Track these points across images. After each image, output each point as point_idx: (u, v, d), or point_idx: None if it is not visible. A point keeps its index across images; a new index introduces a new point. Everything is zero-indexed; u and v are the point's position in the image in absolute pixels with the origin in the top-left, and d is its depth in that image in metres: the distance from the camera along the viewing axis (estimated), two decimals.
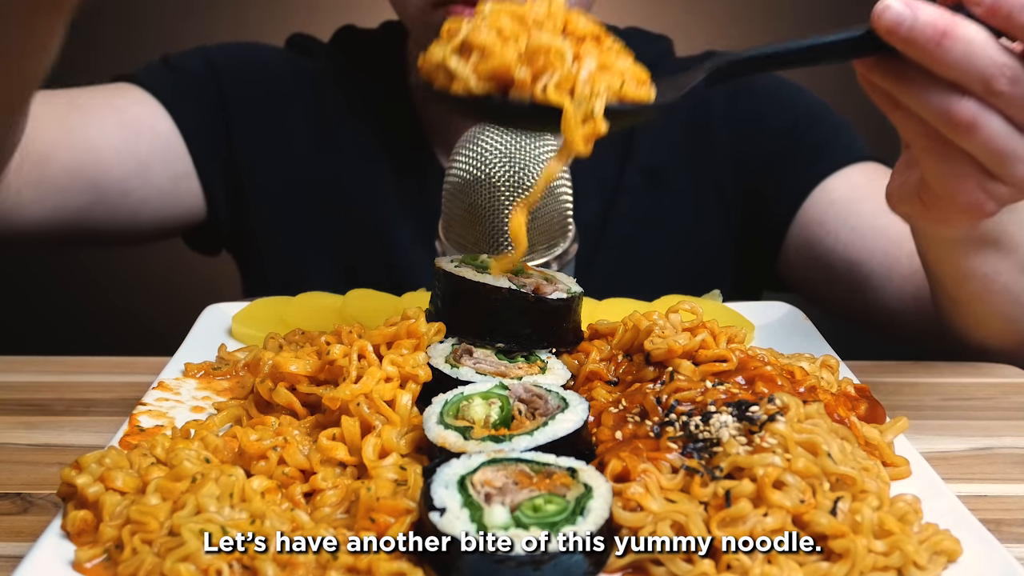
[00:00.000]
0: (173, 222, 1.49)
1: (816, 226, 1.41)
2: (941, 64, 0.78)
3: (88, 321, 2.93)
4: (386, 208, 1.49)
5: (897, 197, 0.95)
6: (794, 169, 1.45)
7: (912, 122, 0.84)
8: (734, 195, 1.50)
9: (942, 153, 0.84)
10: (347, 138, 1.51)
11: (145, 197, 1.43)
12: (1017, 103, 0.79)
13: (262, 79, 1.53)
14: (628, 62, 0.79)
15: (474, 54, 0.77)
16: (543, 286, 0.93)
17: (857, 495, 0.72)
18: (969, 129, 0.80)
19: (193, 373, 1.02)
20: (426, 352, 0.88)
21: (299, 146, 1.51)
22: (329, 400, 0.83)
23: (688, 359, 0.87)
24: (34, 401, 1.08)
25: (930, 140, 0.84)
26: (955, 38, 0.77)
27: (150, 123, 1.43)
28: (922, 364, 1.16)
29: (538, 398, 0.82)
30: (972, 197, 0.85)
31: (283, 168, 1.51)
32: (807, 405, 0.79)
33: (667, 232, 1.51)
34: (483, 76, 0.76)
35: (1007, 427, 1.00)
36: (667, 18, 2.57)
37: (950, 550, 0.70)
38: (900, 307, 1.33)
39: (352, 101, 1.52)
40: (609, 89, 0.76)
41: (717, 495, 0.71)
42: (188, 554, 0.67)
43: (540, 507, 0.68)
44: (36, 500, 0.87)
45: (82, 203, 1.37)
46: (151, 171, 1.42)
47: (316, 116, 1.52)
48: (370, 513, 0.70)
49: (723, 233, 1.52)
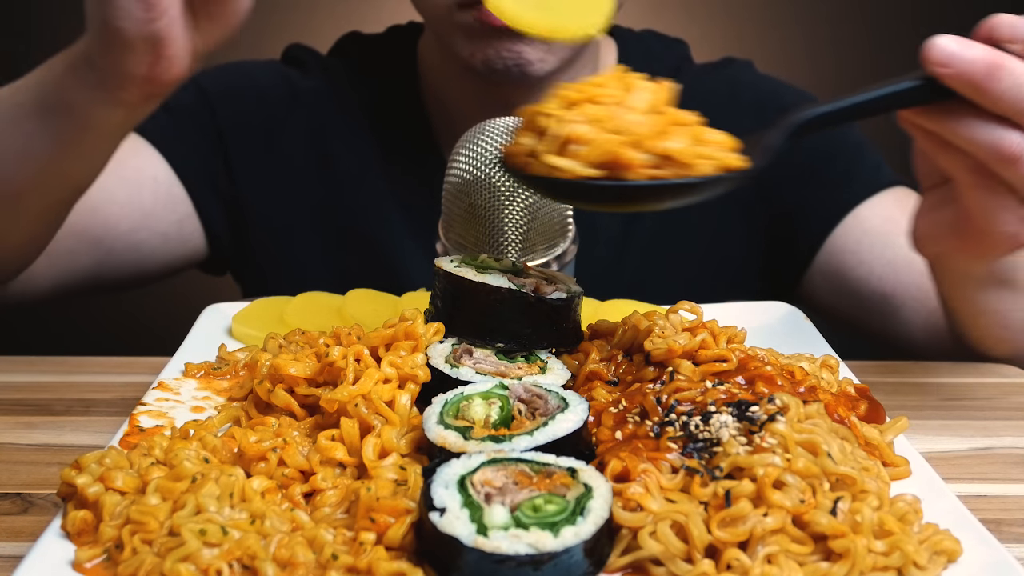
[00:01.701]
0: (180, 262, 1.50)
1: (848, 255, 1.41)
2: (992, 96, 0.83)
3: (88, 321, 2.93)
4: (392, 224, 1.48)
5: (927, 238, 1.00)
6: (824, 193, 1.44)
7: (958, 159, 0.89)
8: (760, 214, 1.49)
9: (987, 187, 0.89)
10: (347, 154, 1.50)
11: (153, 247, 1.44)
12: None
13: (256, 103, 1.52)
14: (718, 133, 0.82)
15: (576, 145, 0.78)
16: (543, 286, 0.93)
17: (857, 495, 0.73)
18: (1015, 161, 0.85)
19: (193, 373, 1.02)
20: (426, 352, 0.88)
21: (298, 167, 1.51)
22: (327, 402, 0.83)
23: (688, 359, 0.87)
24: (34, 401, 1.08)
25: (976, 175, 0.89)
26: (1005, 70, 0.82)
27: (151, 173, 1.43)
28: (922, 364, 1.16)
29: (538, 398, 0.82)
30: (1009, 227, 0.90)
31: (283, 191, 1.50)
32: (807, 405, 0.79)
33: (687, 247, 1.49)
34: (591, 163, 0.78)
35: (1007, 427, 1.00)
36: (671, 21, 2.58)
37: (950, 550, 0.70)
38: (926, 336, 1.35)
39: (352, 112, 1.51)
40: (709, 160, 0.79)
41: (717, 495, 0.71)
42: (188, 554, 0.67)
43: (540, 507, 0.68)
44: (36, 500, 0.87)
45: (91, 262, 1.38)
46: (156, 220, 1.43)
47: (313, 135, 1.51)
48: (370, 513, 0.70)
49: (746, 252, 1.51)
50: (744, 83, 1.53)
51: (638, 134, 0.78)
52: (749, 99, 1.50)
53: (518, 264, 0.98)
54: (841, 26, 2.83)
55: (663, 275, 1.48)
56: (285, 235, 1.51)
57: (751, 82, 1.54)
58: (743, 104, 1.48)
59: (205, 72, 1.54)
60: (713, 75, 1.54)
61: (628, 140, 0.78)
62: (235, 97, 1.52)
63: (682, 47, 1.60)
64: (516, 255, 1.03)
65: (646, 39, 1.60)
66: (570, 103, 0.81)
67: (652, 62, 1.53)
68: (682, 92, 1.59)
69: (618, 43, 1.56)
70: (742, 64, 1.58)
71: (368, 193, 1.50)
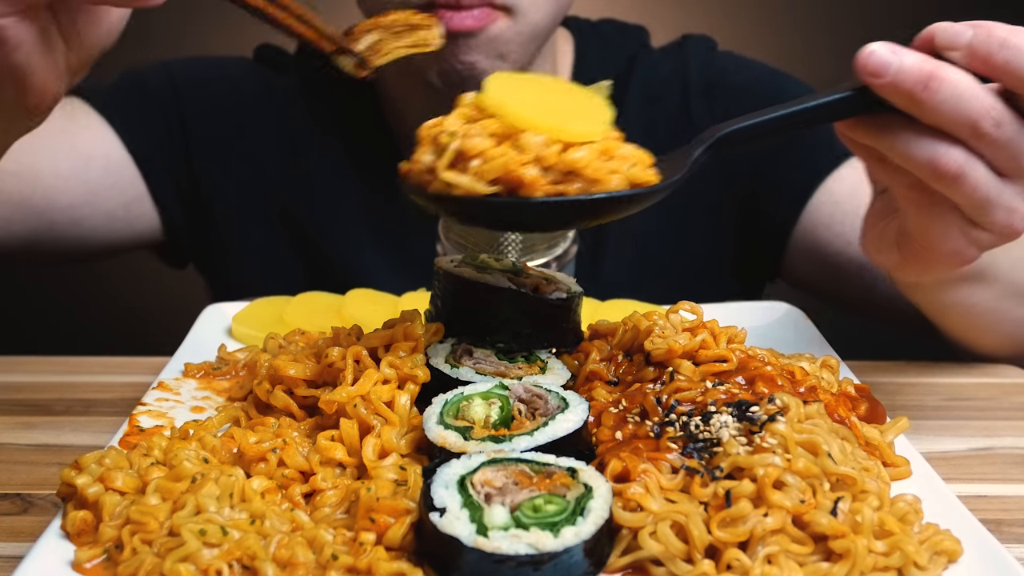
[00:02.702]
0: (127, 243, 1.49)
1: (822, 229, 1.40)
2: (929, 108, 0.77)
3: (88, 321, 2.93)
4: (356, 229, 1.48)
5: (875, 248, 0.94)
6: (791, 168, 1.44)
7: (897, 175, 0.84)
8: (722, 203, 1.48)
9: (926, 203, 0.83)
10: (315, 155, 1.49)
11: (95, 224, 1.43)
12: (1001, 147, 0.79)
13: (226, 96, 1.51)
14: (631, 148, 0.78)
15: (475, 160, 0.74)
16: (543, 286, 0.93)
17: (857, 495, 0.72)
18: (955, 179, 0.79)
19: (193, 373, 1.02)
20: (425, 352, 0.88)
21: (265, 165, 1.50)
22: (325, 403, 0.82)
23: (688, 359, 0.87)
24: (34, 401, 1.08)
25: (914, 191, 0.83)
26: (942, 80, 0.76)
27: (103, 151, 1.42)
28: (922, 364, 1.16)
29: (538, 398, 0.82)
30: (955, 245, 0.85)
31: (247, 187, 1.50)
32: (807, 405, 0.79)
33: (654, 241, 1.49)
34: (487, 179, 0.73)
35: (1007, 427, 1.00)
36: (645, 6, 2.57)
37: (950, 550, 0.70)
38: (907, 304, 1.33)
39: (320, 116, 1.50)
40: (618, 174, 0.75)
41: (717, 495, 0.71)
42: (188, 554, 0.67)
43: (540, 507, 0.68)
44: (36, 500, 0.87)
45: (27, 231, 1.37)
46: (101, 198, 1.42)
47: (283, 134, 1.50)
48: (370, 513, 0.70)
49: (714, 242, 1.51)
50: (694, 66, 1.52)
51: (537, 149, 0.73)
52: (698, 82, 1.49)
53: (518, 264, 0.98)
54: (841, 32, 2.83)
55: (633, 274, 1.48)
56: (243, 230, 1.51)
57: (702, 64, 1.52)
58: (692, 88, 1.48)
59: (178, 60, 1.54)
60: (665, 61, 1.52)
61: (527, 157, 0.73)
62: (204, 86, 1.51)
63: (640, 34, 1.59)
64: (516, 255, 1.03)
65: (603, 30, 1.58)
66: (472, 117, 0.76)
67: (608, 54, 1.53)
68: (632, 83, 1.56)
69: (575, 36, 1.55)
70: (696, 43, 1.56)
71: (332, 200, 1.49)
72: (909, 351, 1.20)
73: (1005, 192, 0.81)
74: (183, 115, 1.49)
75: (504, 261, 0.98)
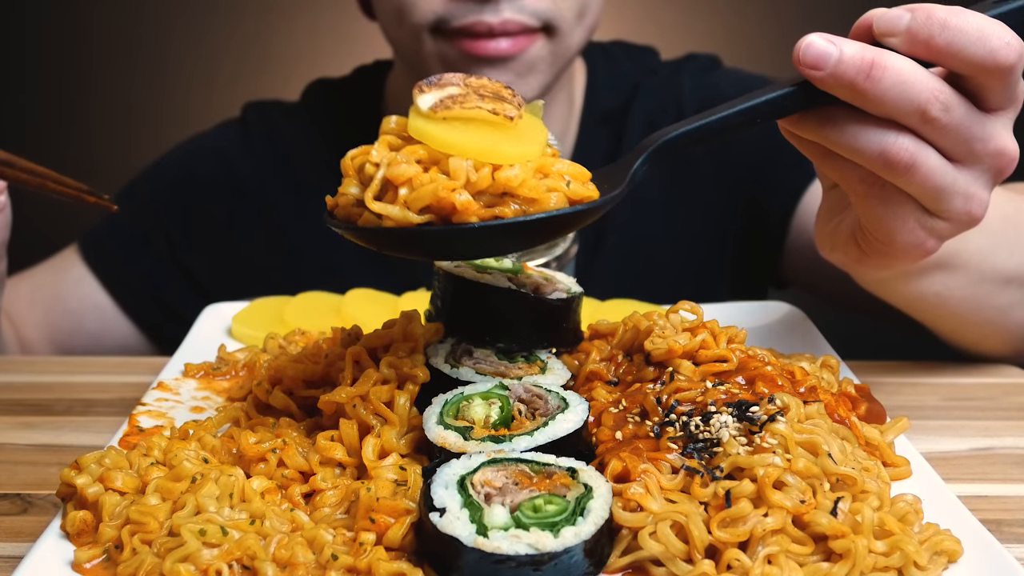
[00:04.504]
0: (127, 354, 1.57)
1: None
2: (873, 97, 0.75)
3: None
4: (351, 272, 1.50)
5: (829, 246, 0.92)
6: (784, 168, 1.44)
7: (846, 169, 0.81)
8: (722, 204, 1.49)
9: (879, 196, 0.81)
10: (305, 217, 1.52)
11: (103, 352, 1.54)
12: (952, 132, 0.77)
13: (208, 191, 1.56)
14: (566, 163, 0.76)
15: (403, 188, 0.71)
16: (543, 286, 0.93)
17: (858, 495, 0.72)
18: (907, 169, 0.77)
19: (193, 373, 1.02)
20: (425, 352, 0.88)
21: (253, 243, 1.55)
22: (324, 403, 0.82)
23: (688, 359, 0.87)
24: (34, 401, 1.08)
25: (866, 185, 0.81)
26: (884, 67, 0.74)
27: (92, 302, 1.54)
28: (922, 364, 1.16)
29: (538, 398, 0.82)
30: (912, 237, 0.83)
31: (239, 268, 1.55)
32: (807, 405, 0.79)
33: (654, 242, 1.50)
34: (418, 208, 0.71)
35: (1007, 427, 1.00)
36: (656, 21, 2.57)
37: (950, 550, 0.70)
38: None
39: (316, 160, 1.53)
40: (557, 191, 0.73)
41: (717, 495, 0.71)
42: (188, 554, 0.67)
43: (540, 507, 0.68)
44: (36, 500, 0.87)
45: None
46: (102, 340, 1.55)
47: (266, 208, 1.55)
48: (370, 513, 0.70)
49: (714, 243, 1.52)
50: (688, 87, 1.54)
51: (467, 173, 0.71)
52: (692, 104, 1.51)
53: (518, 264, 0.98)
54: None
55: (633, 274, 1.48)
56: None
57: (697, 84, 1.54)
58: (686, 111, 1.49)
59: (160, 164, 1.61)
60: (664, 86, 1.55)
61: (457, 182, 0.71)
62: (185, 188, 1.57)
63: (647, 58, 1.60)
64: (516, 255, 1.03)
65: (613, 53, 1.60)
66: (396, 145, 0.74)
67: (617, 81, 1.55)
68: (634, 111, 1.58)
69: (587, 61, 1.57)
70: (694, 64, 1.58)
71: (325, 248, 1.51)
72: (909, 351, 1.20)
73: (960, 179, 0.79)
74: (167, 229, 1.56)
75: (504, 261, 0.98)
